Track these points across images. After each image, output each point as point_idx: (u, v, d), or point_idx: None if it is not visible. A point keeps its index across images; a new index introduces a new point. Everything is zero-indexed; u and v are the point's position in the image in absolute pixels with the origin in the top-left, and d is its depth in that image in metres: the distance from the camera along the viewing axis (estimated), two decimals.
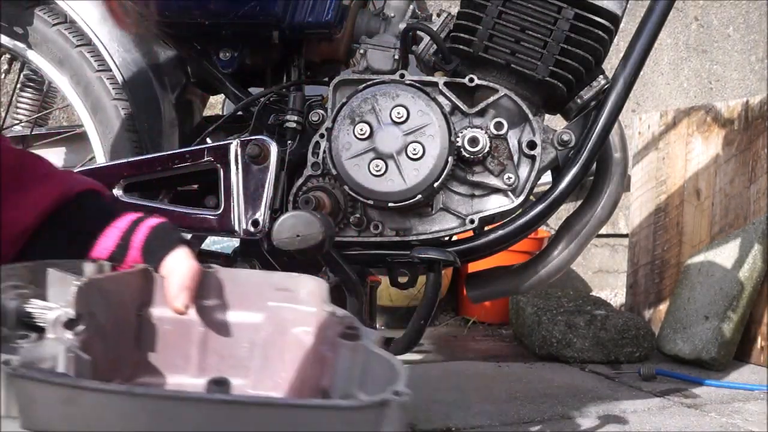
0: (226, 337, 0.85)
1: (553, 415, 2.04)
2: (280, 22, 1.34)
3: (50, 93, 1.71)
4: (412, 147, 1.27)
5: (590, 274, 3.84)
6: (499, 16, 1.32)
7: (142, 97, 1.40)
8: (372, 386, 0.75)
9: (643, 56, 1.32)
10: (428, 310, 1.29)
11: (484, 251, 1.33)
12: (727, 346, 2.60)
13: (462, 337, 3.17)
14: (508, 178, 1.31)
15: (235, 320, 0.86)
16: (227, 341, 0.85)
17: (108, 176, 1.32)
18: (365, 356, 0.78)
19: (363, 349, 0.78)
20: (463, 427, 1.92)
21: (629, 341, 2.70)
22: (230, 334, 0.86)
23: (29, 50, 1.43)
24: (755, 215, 2.72)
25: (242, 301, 0.86)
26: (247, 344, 0.86)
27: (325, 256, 1.20)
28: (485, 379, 2.43)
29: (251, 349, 0.86)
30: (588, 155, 1.29)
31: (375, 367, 0.77)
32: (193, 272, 0.80)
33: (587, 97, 1.37)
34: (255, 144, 1.30)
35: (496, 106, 1.32)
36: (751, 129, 2.78)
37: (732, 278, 2.60)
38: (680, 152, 3.00)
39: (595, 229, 1.39)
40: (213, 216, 1.31)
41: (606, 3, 1.32)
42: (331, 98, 1.36)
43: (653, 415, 2.07)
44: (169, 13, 1.34)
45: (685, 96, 3.97)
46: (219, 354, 0.85)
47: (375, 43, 1.38)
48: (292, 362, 0.84)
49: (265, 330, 0.86)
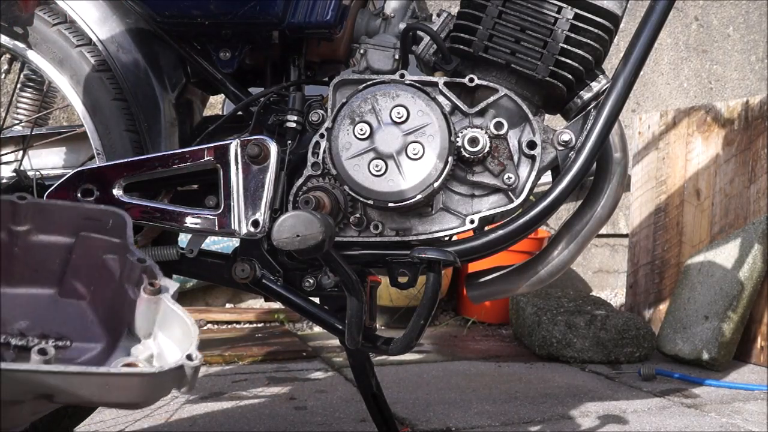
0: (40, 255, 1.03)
1: (553, 415, 2.04)
2: (280, 22, 1.34)
3: (50, 93, 1.71)
4: (412, 147, 1.27)
5: (590, 274, 3.84)
6: (499, 16, 1.32)
7: (142, 97, 1.40)
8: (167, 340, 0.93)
9: (643, 56, 1.32)
10: (428, 310, 1.29)
11: (484, 251, 1.33)
12: (727, 346, 2.60)
13: (462, 337, 3.17)
14: (508, 178, 1.31)
15: (47, 242, 1.03)
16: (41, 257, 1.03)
17: (108, 176, 1.32)
18: (164, 311, 0.94)
19: (162, 304, 0.94)
20: (463, 427, 1.92)
21: (629, 341, 2.70)
22: (43, 253, 1.03)
23: (29, 50, 1.43)
24: (755, 215, 2.72)
25: (54, 227, 1.03)
26: (59, 261, 1.04)
27: (325, 256, 1.20)
28: (485, 379, 2.43)
29: (63, 265, 1.04)
30: (588, 155, 1.29)
31: (172, 323, 0.92)
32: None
33: (587, 97, 1.37)
34: (255, 144, 1.30)
35: (496, 106, 1.32)
36: (751, 129, 2.78)
37: (732, 278, 2.60)
38: (680, 152, 3.00)
39: (595, 229, 1.39)
40: (213, 216, 1.31)
41: (606, 3, 1.32)
42: (331, 98, 1.36)
43: (653, 415, 2.07)
44: (168, 13, 1.34)
45: (685, 96, 3.97)
46: (33, 268, 1.03)
47: (375, 43, 1.38)
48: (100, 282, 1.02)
49: (77, 253, 1.03)
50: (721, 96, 4.00)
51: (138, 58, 1.40)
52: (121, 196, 1.32)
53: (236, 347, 2.70)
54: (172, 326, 0.94)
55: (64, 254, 1.05)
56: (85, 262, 1.05)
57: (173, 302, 0.95)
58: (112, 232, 1.04)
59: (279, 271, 1.37)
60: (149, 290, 0.95)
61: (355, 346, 1.35)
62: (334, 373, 2.44)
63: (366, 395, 1.65)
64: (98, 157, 1.42)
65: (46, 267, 1.04)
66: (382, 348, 1.39)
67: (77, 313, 1.04)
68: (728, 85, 4.04)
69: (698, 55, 3.99)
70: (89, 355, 1.00)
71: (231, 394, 2.16)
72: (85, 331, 1.03)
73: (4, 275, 1.03)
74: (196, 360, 0.88)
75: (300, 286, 1.38)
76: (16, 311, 1.02)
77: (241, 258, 1.36)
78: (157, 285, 0.96)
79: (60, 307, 1.04)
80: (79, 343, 1.02)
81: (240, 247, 1.38)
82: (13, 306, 1.03)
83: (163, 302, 0.95)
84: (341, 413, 2.00)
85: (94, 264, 1.04)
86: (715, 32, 4.01)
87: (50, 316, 1.04)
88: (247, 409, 2.02)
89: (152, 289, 0.95)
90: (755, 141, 2.75)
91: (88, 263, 1.04)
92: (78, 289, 1.05)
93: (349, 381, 2.32)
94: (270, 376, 2.38)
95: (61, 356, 1.00)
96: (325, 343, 2.88)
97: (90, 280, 1.04)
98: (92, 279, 1.04)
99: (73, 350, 1.01)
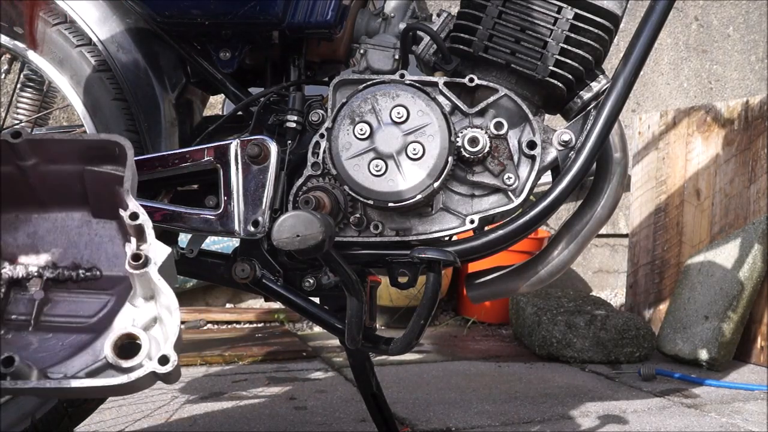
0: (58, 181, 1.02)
1: (553, 415, 2.04)
2: (280, 22, 1.34)
3: (50, 93, 1.71)
4: (412, 147, 1.27)
5: (590, 274, 3.84)
6: (499, 16, 1.32)
7: (142, 97, 1.40)
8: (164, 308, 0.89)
9: (643, 56, 1.31)
10: (428, 310, 1.29)
11: (484, 251, 1.33)
12: (727, 346, 2.60)
13: (462, 337, 3.17)
14: (508, 178, 1.31)
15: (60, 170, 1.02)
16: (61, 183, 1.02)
17: None
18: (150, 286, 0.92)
19: (148, 278, 0.91)
20: (463, 427, 1.92)
21: (629, 341, 2.70)
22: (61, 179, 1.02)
23: (29, 50, 1.43)
24: (755, 215, 2.72)
25: (61, 158, 1.01)
26: (80, 185, 1.02)
27: (325, 256, 1.20)
28: (485, 379, 2.43)
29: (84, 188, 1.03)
30: (588, 155, 1.29)
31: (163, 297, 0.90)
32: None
33: (587, 97, 1.37)
34: (255, 144, 1.30)
35: (496, 106, 1.32)
36: (751, 129, 2.78)
37: (732, 278, 2.60)
38: (680, 152, 3.00)
39: (595, 229, 1.39)
40: (213, 216, 1.31)
41: (606, 3, 1.32)
42: (331, 98, 1.36)
43: (653, 415, 2.07)
44: (168, 13, 1.34)
45: (685, 96, 3.97)
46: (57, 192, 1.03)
47: (375, 43, 1.38)
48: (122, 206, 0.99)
49: (90, 183, 1.02)
50: (721, 96, 4.00)
51: (138, 58, 1.40)
52: None
53: (236, 347, 2.70)
54: (164, 301, 0.92)
55: (81, 180, 1.04)
56: (103, 189, 1.03)
57: (159, 278, 0.91)
58: (120, 161, 1.01)
59: (279, 271, 1.37)
60: (132, 264, 0.92)
61: (355, 346, 1.35)
62: (334, 373, 2.44)
63: (366, 395, 1.65)
64: None
65: (71, 190, 1.03)
66: (382, 348, 1.38)
67: (110, 236, 1.04)
68: (728, 85, 4.04)
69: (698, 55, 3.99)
70: (117, 288, 1.00)
71: (231, 394, 2.16)
72: (115, 258, 1.02)
73: (30, 202, 1.02)
74: (168, 365, 0.86)
75: (300, 286, 1.38)
76: (50, 236, 1.03)
77: (241, 258, 1.36)
78: (141, 257, 0.91)
79: (93, 229, 1.04)
80: (109, 273, 1.01)
81: (240, 247, 1.38)
82: (48, 230, 1.03)
83: (149, 276, 0.92)
84: (341, 413, 2.00)
85: (112, 191, 1.01)
86: (715, 32, 4.01)
87: (84, 240, 1.04)
88: (247, 409, 2.02)
89: (135, 264, 0.91)
90: (755, 141, 2.75)
91: (107, 190, 1.02)
92: (107, 210, 1.04)
93: (349, 381, 2.32)
94: (270, 376, 2.38)
95: (94, 287, 1.00)
96: (325, 343, 2.88)
97: (114, 203, 1.01)
98: (115, 202, 1.01)
99: (104, 281, 1.01)
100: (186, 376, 2.34)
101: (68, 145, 1.02)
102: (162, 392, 2.13)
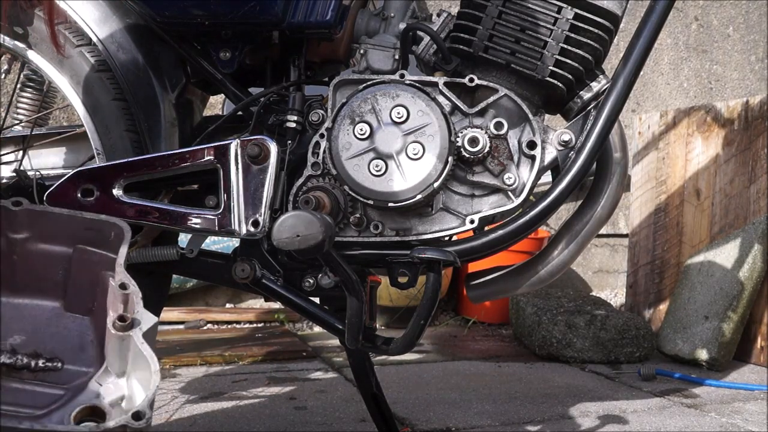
0: (41, 264, 1.00)
1: (553, 415, 2.04)
2: (280, 22, 1.34)
3: (50, 93, 1.71)
4: (412, 147, 1.27)
5: (590, 274, 3.84)
6: (499, 16, 1.32)
7: (142, 97, 1.40)
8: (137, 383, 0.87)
9: (643, 56, 1.31)
10: (428, 310, 1.29)
11: (484, 251, 1.33)
12: (727, 346, 2.60)
13: (462, 337, 3.17)
14: (508, 178, 1.31)
15: (48, 251, 1.00)
16: (43, 267, 1.00)
17: (108, 176, 1.32)
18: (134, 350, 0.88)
19: (131, 343, 0.88)
20: (463, 427, 1.92)
21: (629, 341, 2.70)
22: (45, 262, 1.00)
23: (29, 50, 1.43)
24: (755, 215, 2.72)
25: (54, 236, 1.00)
26: (62, 272, 1.00)
27: (325, 256, 1.20)
28: (485, 379, 2.43)
29: (66, 276, 1.00)
30: (588, 155, 1.29)
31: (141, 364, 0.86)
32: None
33: (587, 97, 1.37)
34: (255, 144, 1.30)
35: (496, 106, 1.32)
36: (751, 129, 2.78)
37: (732, 278, 2.60)
38: (680, 152, 3.00)
39: (595, 229, 1.39)
40: (213, 216, 1.31)
41: (606, 3, 1.32)
42: (331, 98, 1.36)
43: (653, 415, 2.07)
44: (169, 13, 1.34)
45: (685, 96, 3.97)
46: (35, 278, 1.00)
47: (375, 43, 1.38)
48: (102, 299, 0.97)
49: (75, 266, 1.00)
50: (721, 96, 4.00)
51: (138, 58, 1.40)
52: (121, 196, 1.32)
53: (236, 347, 2.70)
54: (142, 368, 0.87)
55: (66, 265, 1.01)
56: (86, 275, 1.01)
57: (142, 341, 0.87)
58: (113, 245, 1.00)
59: (279, 271, 1.37)
60: (118, 326, 0.88)
61: (355, 346, 1.35)
62: (334, 373, 2.44)
63: (366, 395, 1.65)
64: (98, 157, 1.42)
65: (49, 277, 1.01)
66: (382, 348, 1.38)
67: (78, 331, 1.00)
68: (728, 85, 4.04)
69: (698, 55, 3.99)
70: (76, 383, 0.95)
71: (231, 394, 2.16)
72: (81, 352, 0.98)
73: (5, 284, 0.99)
74: (143, 420, 0.80)
75: (300, 286, 1.38)
76: (15, 323, 0.98)
77: (241, 258, 1.36)
78: (128, 320, 0.89)
79: (62, 322, 1.01)
80: (71, 366, 0.97)
81: (240, 247, 1.38)
82: (14, 317, 0.99)
83: (131, 341, 0.88)
84: (341, 413, 2.00)
85: (95, 279, 1.00)
86: (715, 32, 4.01)
87: (51, 330, 1.00)
88: (247, 409, 2.02)
89: (121, 324, 0.88)
90: (755, 141, 2.75)
91: (90, 277, 1.00)
92: (83, 304, 1.01)
93: (349, 381, 2.32)
94: (270, 376, 2.38)
95: (50, 379, 0.95)
96: (325, 343, 2.88)
97: (93, 295, 1.00)
98: (95, 294, 1.00)
99: (63, 373, 0.96)
100: (186, 376, 2.34)
101: (66, 221, 1.01)
102: (162, 392, 2.13)
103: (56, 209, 1.04)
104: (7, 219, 0.98)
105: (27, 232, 1.00)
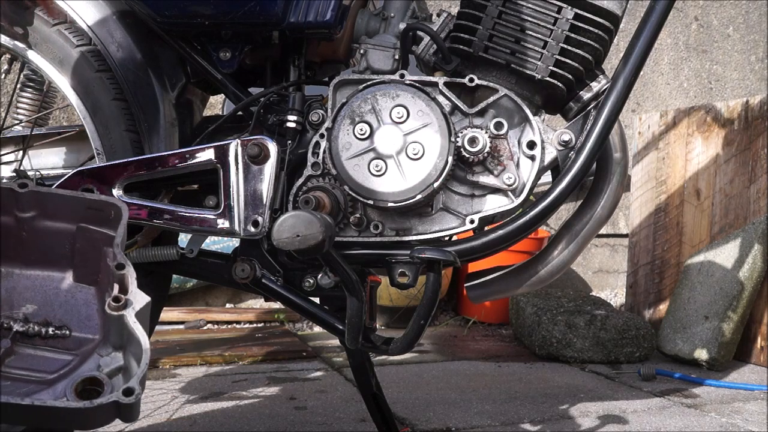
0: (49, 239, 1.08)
1: (553, 415, 2.04)
2: (280, 22, 1.34)
3: (50, 93, 1.71)
4: (412, 147, 1.27)
5: (590, 274, 3.84)
6: (499, 16, 1.32)
7: (142, 97, 1.40)
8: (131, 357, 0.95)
9: (643, 56, 1.31)
10: (428, 310, 1.29)
11: (484, 251, 1.33)
12: (727, 346, 2.60)
13: (462, 337, 3.17)
14: (508, 178, 1.31)
15: (55, 228, 1.08)
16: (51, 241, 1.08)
17: (108, 176, 1.32)
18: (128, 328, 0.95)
19: (124, 321, 0.95)
20: (463, 427, 1.92)
21: (629, 341, 2.70)
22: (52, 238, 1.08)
23: (29, 50, 1.43)
24: (755, 215, 2.72)
25: (59, 215, 1.07)
26: (69, 246, 1.08)
27: (325, 256, 1.20)
28: (485, 379, 2.43)
29: (73, 250, 1.08)
30: (588, 155, 1.29)
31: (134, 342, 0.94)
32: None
33: (587, 97, 1.37)
34: (255, 144, 1.30)
35: (496, 106, 1.32)
36: (751, 129, 2.78)
37: (732, 278, 2.60)
38: (680, 152, 3.00)
39: (595, 229, 1.39)
40: (213, 216, 1.31)
41: (606, 3, 1.32)
42: (331, 98, 1.36)
43: (653, 415, 2.07)
44: (168, 13, 1.34)
45: (685, 96, 3.97)
46: (44, 251, 1.08)
47: (375, 43, 1.38)
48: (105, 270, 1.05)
49: (79, 242, 1.08)
50: (721, 96, 4.00)
51: (138, 58, 1.40)
52: (121, 196, 1.32)
53: (236, 347, 2.70)
54: (135, 344, 0.95)
55: (71, 240, 1.08)
56: (90, 250, 1.07)
57: (135, 321, 0.95)
58: (113, 224, 1.07)
59: (279, 271, 1.37)
60: (112, 306, 0.96)
61: (355, 346, 1.35)
62: (334, 373, 2.45)
63: (366, 395, 1.65)
64: (98, 157, 1.42)
65: (57, 251, 1.08)
66: (382, 348, 1.38)
67: (85, 300, 1.07)
68: (728, 85, 4.04)
69: (698, 55, 3.99)
70: (82, 349, 1.03)
71: (231, 394, 2.16)
72: (87, 320, 1.06)
73: (16, 257, 1.06)
74: (133, 396, 0.88)
75: (300, 286, 1.38)
76: (27, 293, 1.06)
77: (241, 258, 1.36)
78: (121, 300, 0.96)
79: (70, 292, 1.08)
80: (78, 333, 1.05)
81: (240, 247, 1.38)
82: (27, 287, 1.07)
83: (125, 319, 0.96)
84: (341, 413, 2.00)
85: (98, 254, 1.06)
86: (715, 32, 4.01)
87: (60, 300, 1.07)
88: (247, 409, 2.02)
89: (115, 305, 0.96)
90: (755, 141, 2.75)
91: (93, 252, 1.07)
92: (88, 275, 1.08)
93: (349, 381, 2.32)
94: (270, 376, 2.38)
95: (60, 345, 1.03)
96: (325, 343, 2.88)
97: (97, 267, 1.07)
98: (99, 266, 1.07)
99: (71, 340, 1.04)
100: (186, 376, 2.34)
101: (70, 202, 1.08)
102: (162, 392, 2.13)
103: (59, 190, 1.12)
104: (14, 199, 1.05)
105: (33, 212, 1.07)
